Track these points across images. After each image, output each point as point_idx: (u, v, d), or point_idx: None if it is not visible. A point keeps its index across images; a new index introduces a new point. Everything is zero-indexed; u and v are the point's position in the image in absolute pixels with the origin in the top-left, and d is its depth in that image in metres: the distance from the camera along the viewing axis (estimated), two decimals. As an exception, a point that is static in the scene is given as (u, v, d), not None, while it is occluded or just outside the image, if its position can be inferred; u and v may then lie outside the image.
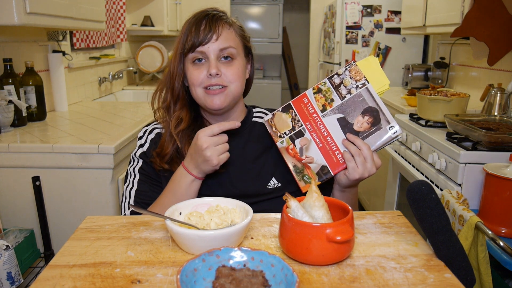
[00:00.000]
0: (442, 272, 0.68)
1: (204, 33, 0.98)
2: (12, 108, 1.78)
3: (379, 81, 0.99)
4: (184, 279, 0.58)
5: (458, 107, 1.87)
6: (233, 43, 1.01)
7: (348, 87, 0.98)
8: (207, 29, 0.98)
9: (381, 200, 2.64)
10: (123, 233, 0.81)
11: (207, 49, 0.99)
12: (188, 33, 1.00)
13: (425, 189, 0.73)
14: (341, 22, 3.49)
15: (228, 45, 1.00)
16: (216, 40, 0.99)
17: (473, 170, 1.53)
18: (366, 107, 0.96)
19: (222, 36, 0.99)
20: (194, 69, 1.00)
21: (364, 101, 0.96)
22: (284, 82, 5.84)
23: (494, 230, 1.28)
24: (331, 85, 0.99)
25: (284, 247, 0.72)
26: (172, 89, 1.05)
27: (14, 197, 1.60)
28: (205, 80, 0.99)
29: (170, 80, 1.05)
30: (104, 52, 3.03)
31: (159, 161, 1.04)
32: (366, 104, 0.96)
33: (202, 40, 0.98)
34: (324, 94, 0.99)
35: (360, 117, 0.96)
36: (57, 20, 1.76)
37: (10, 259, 1.30)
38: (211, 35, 0.98)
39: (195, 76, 1.00)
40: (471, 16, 2.03)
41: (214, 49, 0.99)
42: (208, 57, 0.99)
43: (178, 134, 1.04)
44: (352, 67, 0.99)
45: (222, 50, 0.99)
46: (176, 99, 1.05)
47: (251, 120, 1.14)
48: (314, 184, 0.79)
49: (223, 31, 1.00)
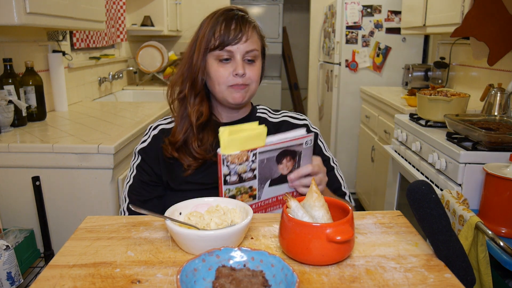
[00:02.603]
0: (442, 272, 0.68)
1: (235, 33, 1.01)
2: (12, 108, 1.78)
3: (253, 135, 0.88)
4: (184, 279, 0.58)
5: (458, 107, 1.87)
6: (257, 45, 1.05)
7: (246, 170, 0.88)
8: (238, 30, 1.01)
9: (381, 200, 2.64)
10: (123, 233, 0.81)
11: (236, 49, 1.01)
12: (216, 30, 1.02)
13: (425, 189, 0.73)
14: (341, 22, 3.49)
15: (253, 48, 1.04)
16: (245, 42, 1.02)
17: (473, 170, 1.53)
18: (273, 160, 0.90)
19: (250, 38, 1.03)
20: (220, 66, 1.03)
21: (267, 160, 0.90)
22: (284, 82, 5.84)
23: (494, 230, 1.28)
24: (238, 183, 0.89)
25: (284, 247, 0.72)
26: (193, 81, 1.07)
27: (14, 197, 1.60)
28: (230, 78, 1.03)
29: (191, 73, 1.06)
30: (104, 52, 3.03)
31: (170, 149, 1.07)
32: (271, 158, 0.90)
33: (232, 40, 1.01)
34: (242, 192, 0.91)
35: (279, 166, 0.92)
36: (57, 20, 1.76)
37: (10, 259, 1.30)
38: (241, 36, 1.01)
39: (221, 74, 1.03)
40: (471, 16, 2.03)
41: (242, 50, 1.02)
42: (234, 57, 1.02)
43: (199, 126, 1.07)
44: (226, 157, 0.86)
45: (248, 52, 1.03)
46: (197, 93, 1.08)
47: (255, 115, 1.19)
48: (314, 184, 0.79)
49: (252, 33, 1.03)
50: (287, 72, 5.91)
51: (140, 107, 2.42)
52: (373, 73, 3.55)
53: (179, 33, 3.96)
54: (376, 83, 3.53)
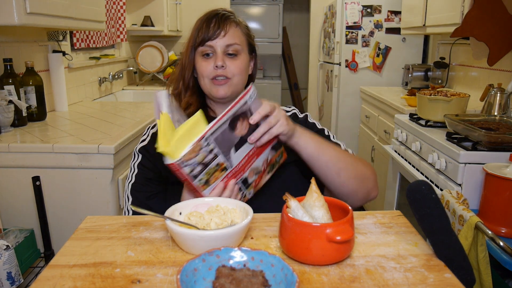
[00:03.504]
0: (442, 272, 0.68)
1: (214, 29, 1.09)
2: (12, 108, 1.79)
3: (191, 125, 0.86)
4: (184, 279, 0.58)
5: (458, 107, 1.88)
6: (239, 40, 1.11)
7: (206, 155, 0.86)
8: (216, 26, 1.09)
9: (381, 200, 2.64)
10: (123, 233, 0.81)
11: (215, 43, 1.08)
12: (199, 29, 1.10)
13: (425, 189, 0.73)
14: (341, 22, 3.49)
15: (234, 42, 1.09)
16: (224, 36, 1.08)
17: (473, 170, 1.53)
18: (227, 131, 0.88)
19: (229, 33, 1.09)
20: (203, 61, 1.10)
21: (221, 134, 0.87)
22: (284, 82, 5.84)
23: (494, 230, 1.28)
24: (205, 169, 0.87)
25: (284, 247, 0.72)
26: (183, 78, 1.15)
27: (14, 197, 1.61)
28: (212, 71, 1.09)
29: (181, 70, 1.15)
30: (104, 52, 3.03)
31: None
32: (225, 131, 0.88)
33: (211, 36, 1.08)
34: (211, 173, 0.88)
35: (236, 132, 0.90)
36: (57, 20, 1.76)
37: (10, 259, 1.30)
38: (219, 31, 1.08)
39: (203, 68, 1.10)
40: (471, 16, 2.03)
41: (221, 44, 1.08)
42: (215, 51, 1.09)
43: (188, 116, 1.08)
44: (181, 161, 0.83)
45: (228, 46, 1.09)
46: (187, 87, 1.15)
47: None
48: (314, 184, 0.79)
49: (230, 29, 1.10)
50: (287, 72, 5.91)
51: (140, 107, 2.42)
52: (373, 73, 3.55)
53: (179, 33, 3.96)
54: (376, 83, 3.53)
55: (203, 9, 1.17)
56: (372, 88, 3.29)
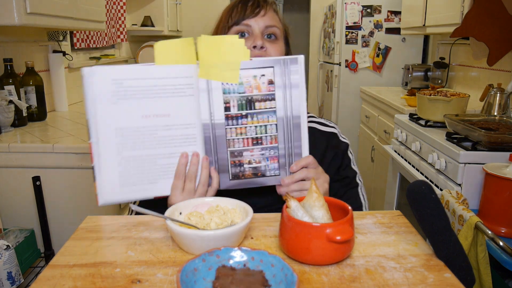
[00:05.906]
0: (442, 272, 0.68)
1: (252, 8, 0.97)
2: (13, 108, 1.79)
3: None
4: (184, 279, 0.58)
5: (457, 107, 1.88)
6: (277, 24, 1.00)
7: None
8: (255, 5, 0.97)
9: (381, 200, 2.64)
10: (123, 233, 0.81)
11: (253, 22, 0.96)
12: (233, 8, 0.99)
13: (425, 189, 0.73)
14: (341, 22, 3.49)
15: (274, 24, 0.98)
16: (264, 16, 0.97)
17: (472, 170, 1.54)
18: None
19: (269, 14, 0.98)
20: None
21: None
22: (284, 82, 5.84)
23: (494, 230, 1.28)
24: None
25: (284, 247, 0.72)
26: None
27: (15, 197, 1.61)
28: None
29: None
30: (104, 52, 3.03)
31: None
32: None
33: (249, 14, 0.96)
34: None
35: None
36: (57, 20, 1.76)
37: (10, 259, 1.30)
38: (258, 10, 0.97)
39: None
40: (471, 16, 2.03)
41: (260, 24, 0.97)
42: (252, 32, 0.97)
43: None
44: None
45: (268, 27, 0.97)
46: None
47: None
48: (314, 184, 0.79)
49: (269, 11, 0.99)
50: (287, 72, 5.90)
51: (140, 107, 2.41)
52: (373, 73, 3.55)
53: (179, 33, 3.96)
54: (376, 83, 3.53)
55: (203, 9, 1.12)
56: (372, 88, 3.29)
